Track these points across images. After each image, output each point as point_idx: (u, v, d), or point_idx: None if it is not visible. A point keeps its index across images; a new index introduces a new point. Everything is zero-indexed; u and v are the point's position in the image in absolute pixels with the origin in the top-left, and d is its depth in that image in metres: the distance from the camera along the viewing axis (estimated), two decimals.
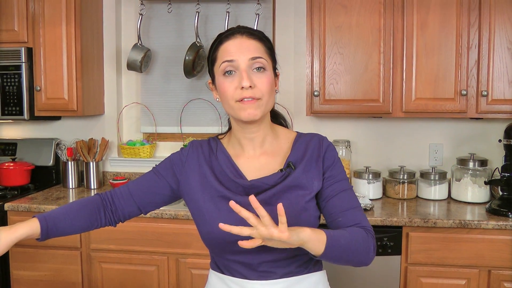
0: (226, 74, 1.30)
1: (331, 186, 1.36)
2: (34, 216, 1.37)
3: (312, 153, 1.38)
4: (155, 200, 1.47)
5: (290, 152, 1.39)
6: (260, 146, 1.40)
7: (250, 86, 1.26)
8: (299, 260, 1.36)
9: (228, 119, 1.46)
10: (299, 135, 1.44)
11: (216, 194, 1.35)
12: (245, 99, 1.27)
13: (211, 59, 1.37)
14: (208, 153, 1.44)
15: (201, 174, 1.40)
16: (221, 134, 1.51)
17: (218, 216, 1.32)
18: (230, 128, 1.47)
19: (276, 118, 1.51)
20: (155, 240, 2.63)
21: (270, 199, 1.31)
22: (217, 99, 1.39)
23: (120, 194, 1.47)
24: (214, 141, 1.47)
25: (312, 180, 1.35)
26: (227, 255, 1.36)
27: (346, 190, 1.37)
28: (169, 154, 3.29)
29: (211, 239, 1.35)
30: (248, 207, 1.30)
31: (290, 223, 1.27)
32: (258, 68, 1.30)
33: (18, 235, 1.31)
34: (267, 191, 1.32)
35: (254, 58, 1.29)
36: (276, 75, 1.39)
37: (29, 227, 1.34)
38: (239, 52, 1.29)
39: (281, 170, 1.35)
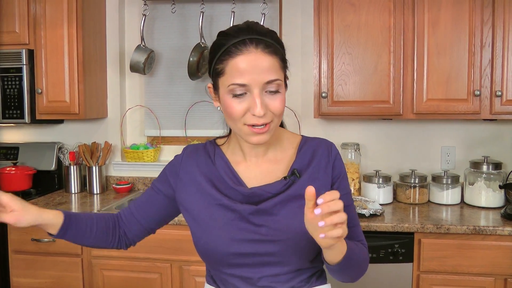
0: (236, 96, 1.15)
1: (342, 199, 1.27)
2: (58, 209, 1.31)
3: (320, 161, 1.28)
4: (160, 218, 1.41)
5: (295, 159, 1.29)
6: (264, 154, 1.30)
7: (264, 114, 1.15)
8: (302, 275, 1.27)
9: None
10: (305, 140, 1.34)
11: (214, 202, 1.26)
12: (256, 126, 1.16)
13: (215, 69, 1.19)
14: (204, 158, 1.34)
15: (196, 181, 1.31)
16: (220, 137, 1.40)
17: (215, 225, 1.24)
18: (230, 132, 1.37)
19: None
20: (158, 247, 2.56)
21: (272, 209, 1.23)
22: (219, 108, 1.25)
23: (125, 216, 1.40)
24: (211, 145, 1.37)
25: (318, 189, 1.24)
26: (225, 268, 1.26)
27: (350, 205, 1.30)
28: (173, 158, 3.21)
29: (207, 251, 1.25)
30: (248, 216, 1.23)
31: (293, 237, 1.20)
32: (273, 91, 1.16)
33: (44, 217, 1.26)
34: (269, 200, 1.23)
35: (269, 82, 1.14)
36: (286, 84, 1.25)
37: (54, 216, 1.28)
38: (253, 73, 1.13)
39: (285, 177, 1.25)
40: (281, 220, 1.22)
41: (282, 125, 1.39)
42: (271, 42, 1.17)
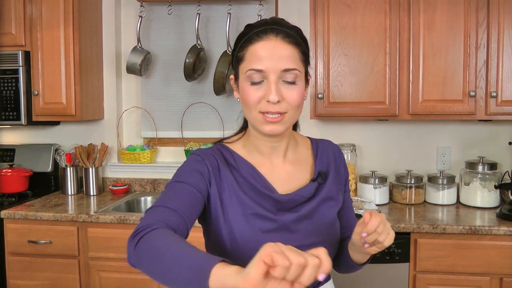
0: (254, 83, 1.15)
1: (346, 199, 1.35)
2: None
3: (335, 163, 1.33)
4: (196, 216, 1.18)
5: (315, 161, 1.30)
6: (284, 154, 1.28)
7: (278, 101, 1.13)
8: None
9: (244, 120, 1.31)
10: (315, 142, 1.37)
11: (249, 212, 1.18)
12: (269, 114, 1.14)
13: (237, 56, 1.21)
14: (225, 163, 1.24)
15: (228, 186, 1.20)
16: (226, 138, 1.33)
17: (252, 237, 1.16)
18: (240, 131, 1.33)
19: None
20: None
21: (309, 213, 1.22)
22: (238, 99, 1.24)
23: (179, 224, 1.10)
24: (224, 149, 1.28)
25: (338, 191, 1.31)
26: None
27: (351, 204, 1.38)
28: (170, 159, 3.19)
29: (242, 263, 1.17)
30: (290, 224, 1.20)
31: (326, 238, 1.24)
32: (290, 81, 1.15)
33: None
34: (304, 204, 1.22)
35: (286, 70, 1.13)
36: (307, 80, 1.24)
37: None
38: (270, 59, 1.13)
39: (313, 180, 1.26)
40: (315, 223, 1.23)
41: (295, 127, 1.40)
42: (292, 34, 1.18)
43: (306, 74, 1.22)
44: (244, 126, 1.32)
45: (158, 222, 1.05)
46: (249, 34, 1.18)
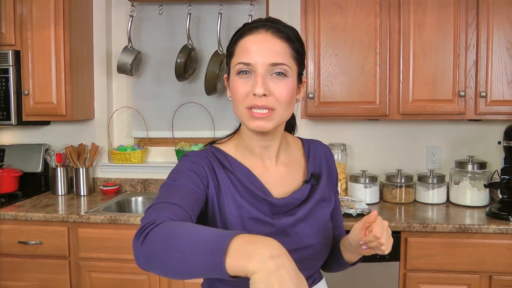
0: (241, 73, 1.13)
1: (336, 199, 1.35)
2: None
3: (326, 164, 1.33)
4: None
5: (308, 162, 1.30)
6: (276, 156, 1.26)
7: (264, 94, 1.10)
8: (314, 275, 1.30)
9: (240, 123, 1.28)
10: (306, 142, 1.35)
11: (247, 216, 1.16)
12: (257, 109, 1.11)
13: (229, 51, 1.20)
14: (220, 166, 1.21)
15: (225, 189, 1.18)
16: (217, 140, 1.31)
17: None
18: (233, 134, 1.31)
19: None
20: None
21: (305, 216, 1.22)
22: (230, 98, 1.21)
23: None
24: (217, 151, 1.25)
25: (330, 192, 1.31)
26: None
27: (339, 204, 1.39)
28: (161, 159, 3.18)
29: None
30: (288, 228, 1.19)
31: (322, 240, 1.24)
32: (279, 73, 1.12)
33: None
34: (300, 207, 1.22)
35: (274, 64, 1.11)
36: (301, 81, 1.22)
37: None
38: (258, 53, 1.11)
39: (306, 182, 1.25)
40: (311, 225, 1.22)
41: (292, 128, 1.39)
42: (284, 30, 1.16)
43: (300, 75, 1.20)
44: (238, 128, 1.30)
45: (162, 218, 0.99)
46: (242, 31, 1.18)
